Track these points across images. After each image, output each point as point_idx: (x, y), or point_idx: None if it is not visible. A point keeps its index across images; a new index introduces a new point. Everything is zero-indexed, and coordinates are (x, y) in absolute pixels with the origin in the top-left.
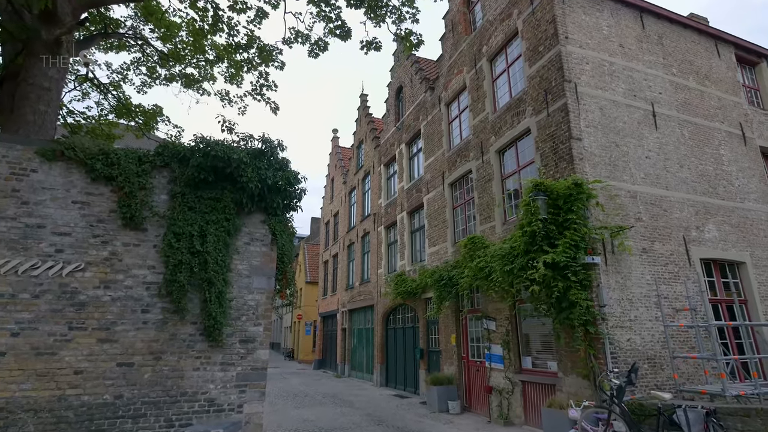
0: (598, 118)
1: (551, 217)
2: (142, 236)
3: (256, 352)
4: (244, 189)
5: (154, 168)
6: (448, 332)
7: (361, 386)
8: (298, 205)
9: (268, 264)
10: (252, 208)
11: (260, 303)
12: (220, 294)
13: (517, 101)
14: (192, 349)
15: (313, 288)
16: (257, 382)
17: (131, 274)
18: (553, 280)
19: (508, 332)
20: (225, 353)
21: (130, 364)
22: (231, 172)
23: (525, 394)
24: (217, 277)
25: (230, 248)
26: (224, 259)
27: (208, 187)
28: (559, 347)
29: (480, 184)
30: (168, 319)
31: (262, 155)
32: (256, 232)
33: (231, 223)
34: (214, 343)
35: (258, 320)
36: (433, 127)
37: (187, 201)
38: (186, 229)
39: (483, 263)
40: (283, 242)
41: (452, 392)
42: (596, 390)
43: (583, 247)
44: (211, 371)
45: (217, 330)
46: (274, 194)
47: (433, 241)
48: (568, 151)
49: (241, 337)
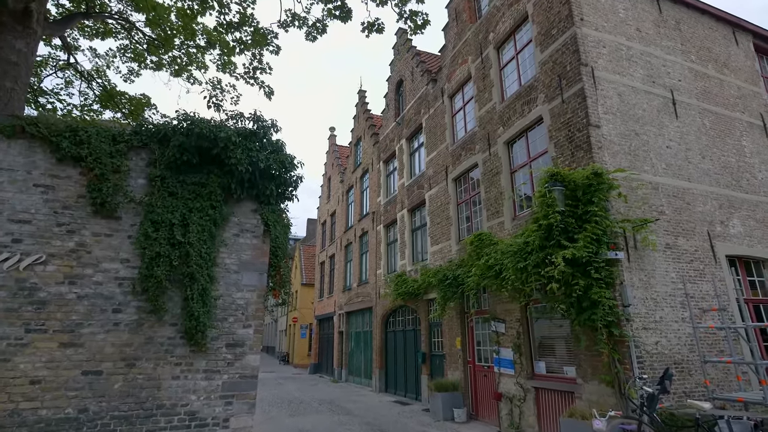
0: (616, 105)
1: (569, 210)
2: (115, 225)
3: (245, 358)
4: (232, 173)
5: (131, 149)
6: (452, 335)
7: (359, 392)
8: (294, 193)
9: (259, 258)
10: (241, 195)
11: (250, 302)
12: (204, 291)
13: (528, 89)
14: (171, 355)
15: (309, 290)
16: (246, 392)
17: (101, 268)
18: (573, 278)
19: (520, 335)
20: (209, 359)
21: (98, 372)
22: (218, 153)
23: (539, 401)
24: (200, 271)
25: (216, 240)
26: (209, 252)
27: (191, 171)
28: (578, 351)
29: (487, 178)
30: (143, 320)
31: (253, 136)
32: (246, 223)
33: (217, 212)
34: (196, 347)
35: (248, 321)
36: (436, 121)
37: (168, 186)
38: (166, 217)
39: (492, 261)
40: (276, 234)
41: (458, 399)
42: (621, 398)
43: (605, 241)
44: (192, 380)
45: (200, 332)
46: (266, 180)
47: (435, 240)
48: (586, 138)
49: (228, 340)
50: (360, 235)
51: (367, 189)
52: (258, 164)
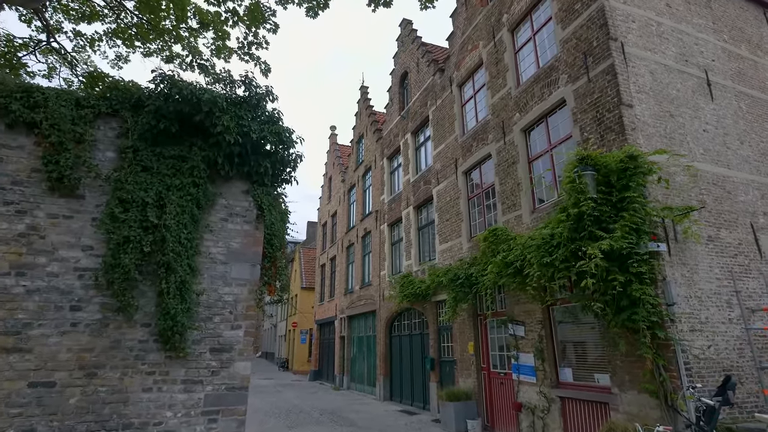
0: (649, 83)
1: (602, 197)
2: (76, 205)
3: (234, 366)
4: (219, 145)
5: (98, 116)
6: (464, 339)
7: (362, 400)
8: (293, 175)
9: (251, 247)
10: (230, 173)
11: (240, 298)
12: (183, 284)
13: (548, 70)
14: (142, 362)
15: (309, 294)
16: (234, 407)
17: (58, 256)
18: (609, 273)
19: (542, 338)
20: (189, 367)
21: (50, 383)
22: (201, 120)
23: (565, 413)
24: (179, 260)
25: (200, 224)
26: (190, 238)
27: (170, 142)
28: (613, 356)
29: (502, 169)
30: (108, 319)
31: (244, 103)
32: (236, 206)
33: (201, 191)
34: (173, 352)
35: (237, 321)
36: (444, 112)
37: (141, 159)
38: (137, 196)
39: (511, 257)
40: (272, 220)
41: (471, 409)
42: (669, 411)
43: (646, 231)
44: (168, 392)
45: (178, 334)
46: (260, 156)
47: (444, 237)
48: (618, 119)
49: (213, 344)
50: (362, 235)
51: (370, 187)
52: (250, 135)
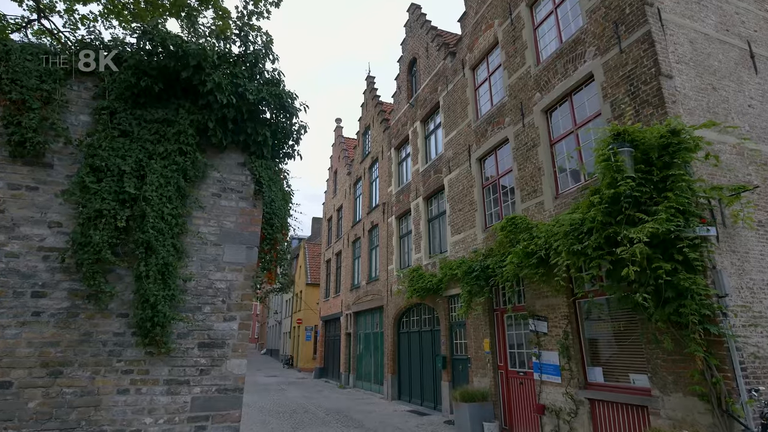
0: (689, 53)
1: (641, 176)
2: (42, 175)
3: (226, 363)
4: (210, 107)
5: (70, 75)
6: (479, 336)
7: (369, 400)
8: (296, 149)
9: (247, 227)
10: (224, 141)
11: (235, 286)
12: (166, 268)
13: (572, 44)
14: (117, 359)
15: (315, 290)
16: (226, 411)
17: (19, 234)
18: (652, 260)
19: (568, 335)
20: (174, 365)
21: (5, 384)
22: (189, 77)
23: (595, 417)
24: (161, 239)
25: (188, 199)
26: (176, 214)
27: (153, 104)
28: (653, 354)
29: (520, 154)
30: (78, 308)
31: (239, 61)
32: (230, 180)
33: (189, 160)
34: (154, 348)
35: (230, 312)
36: (455, 97)
37: (120, 122)
38: (113, 163)
39: (533, 246)
40: (272, 197)
41: (488, 411)
42: (723, 416)
43: (694, 213)
44: (148, 395)
45: (159, 326)
46: (258, 124)
47: (457, 228)
48: (656, 91)
49: (203, 338)
50: (369, 229)
51: (377, 179)
52: (245, 97)
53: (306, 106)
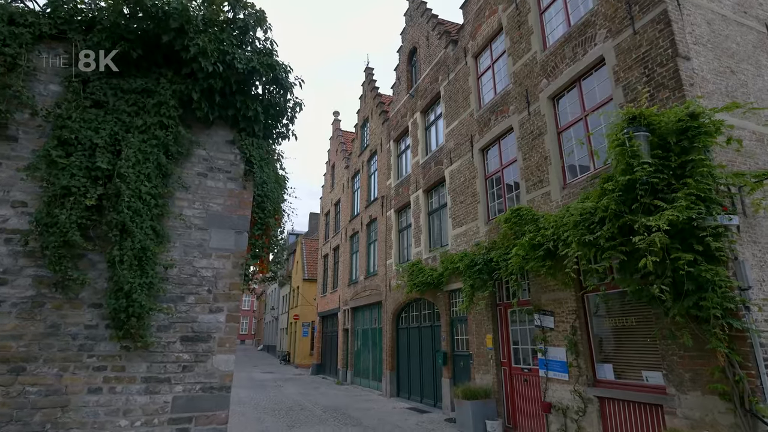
0: (706, 35)
1: (658, 162)
2: (5, 149)
3: (212, 359)
4: (194, 77)
5: (40, 39)
6: (481, 331)
7: (367, 397)
8: (291, 128)
9: (236, 210)
10: (211, 115)
11: (222, 274)
12: (144, 253)
13: (581, 27)
14: (89, 354)
15: (312, 285)
16: (212, 412)
17: None
18: (671, 251)
19: (576, 330)
20: (153, 361)
21: None
22: (170, 42)
23: (605, 416)
24: (137, 221)
25: (170, 178)
26: (155, 194)
27: (131, 72)
28: (668, 350)
29: (525, 143)
30: (44, 297)
31: (227, 27)
32: (218, 158)
33: (171, 135)
34: (130, 342)
35: (216, 303)
36: (457, 86)
37: (93, 92)
38: (84, 136)
39: (540, 238)
40: (264, 178)
41: (491, 409)
42: (745, 416)
43: (714, 200)
44: (124, 394)
45: (136, 318)
46: (249, 97)
47: (458, 221)
48: (673, 74)
49: (186, 331)
50: (367, 223)
51: (375, 173)
52: (234, 66)
53: (301, 80)
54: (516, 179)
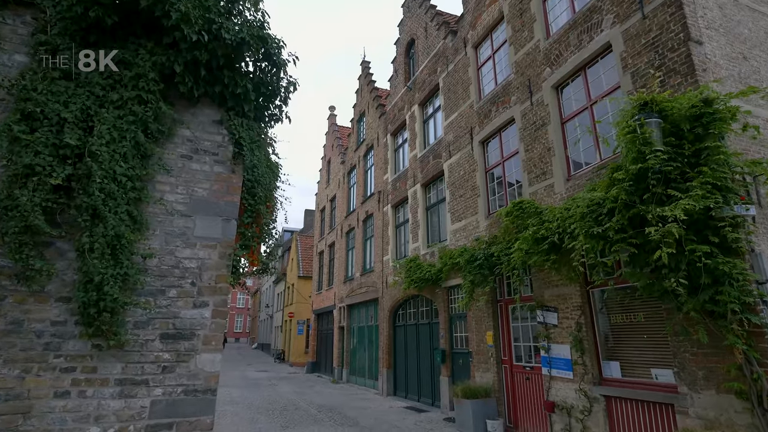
0: (718, 19)
1: (671, 150)
2: None
3: (196, 359)
4: (177, 48)
5: (4, 6)
6: (481, 328)
7: (363, 395)
8: (284, 110)
9: (224, 196)
10: (196, 91)
11: (207, 265)
12: (118, 241)
13: (587, 13)
14: (56, 353)
15: (307, 283)
16: (195, 418)
17: None
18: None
19: (581, 326)
20: (129, 361)
21: None
22: (150, 8)
23: (612, 415)
24: (111, 205)
25: (150, 160)
26: (132, 176)
27: (107, 42)
28: (679, 347)
29: (528, 134)
30: (5, 290)
31: None
32: (204, 139)
33: (151, 111)
34: (102, 339)
35: (201, 297)
36: (456, 77)
37: (64, 63)
38: (52, 110)
39: (544, 231)
40: (254, 161)
41: (491, 408)
42: (763, 416)
43: (731, 189)
44: (95, 398)
45: (108, 313)
46: (238, 74)
47: (457, 216)
48: (685, 59)
49: (166, 328)
50: (364, 218)
51: (372, 167)
52: (221, 36)
53: (295, 57)
54: (518, 172)
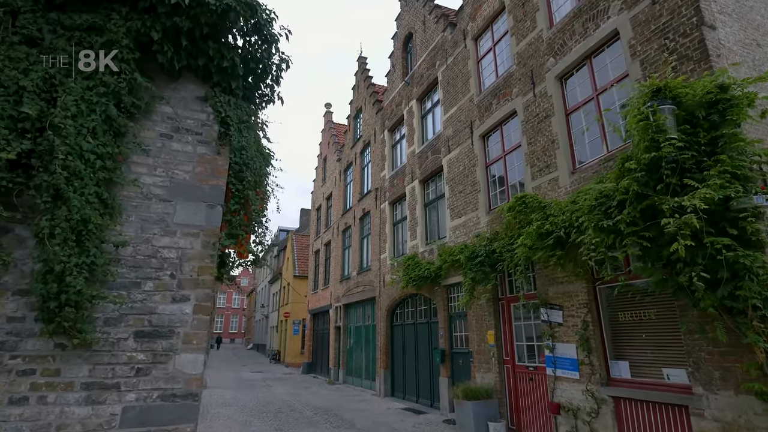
0: (731, 4)
1: (685, 138)
2: None
3: (175, 360)
4: (155, 12)
5: None
6: (482, 327)
7: (360, 396)
8: (276, 90)
9: (208, 179)
10: (177, 63)
11: (188, 255)
12: (85, 226)
13: (592, 0)
14: (12, 354)
15: (303, 282)
16: (174, 426)
17: None
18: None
19: (587, 325)
20: (97, 362)
21: None
22: None
23: (621, 417)
24: (77, 185)
25: (124, 138)
26: (102, 153)
27: (76, 6)
28: (694, 345)
29: (531, 126)
30: None
31: None
32: (186, 117)
33: (125, 83)
34: (65, 338)
35: (182, 290)
36: (456, 71)
37: (24, 26)
38: (9, 77)
39: (550, 225)
40: (242, 143)
41: (493, 409)
42: None
43: (752, 179)
44: (58, 405)
45: (72, 307)
46: (225, 47)
47: (457, 212)
48: (698, 44)
49: (142, 325)
50: (360, 216)
51: (369, 164)
52: (205, 2)
53: (288, 31)
54: (520, 166)
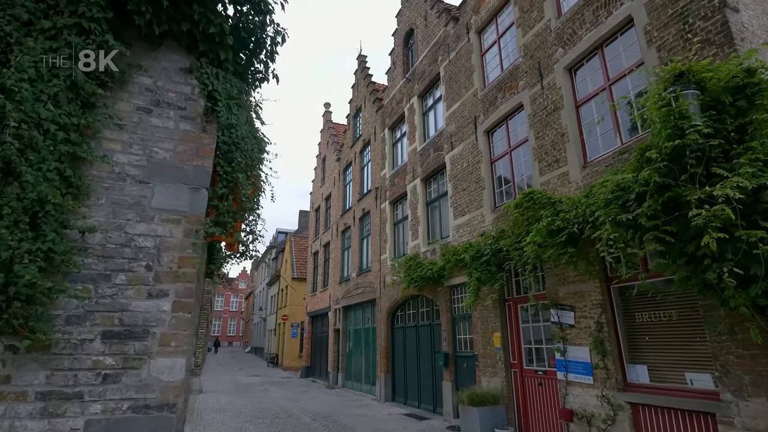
0: None
1: (711, 124)
2: None
3: (149, 365)
4: None
5: None
6: (488, 330)
7: (360, 401)
8: (271, 67)
9: (193, 159)
10: (157, 28)
11: (168, 244)
12: (41, 206)
13: None
14: None
15: (302, 285)
16: None
17: None
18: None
19: (602, 326)
20: (57, 368)
21: None
22: None
23: (639, 424)
24: (33, 159)
25: (94, 109)
26: (66, 124)
27: None
28: (722, 349)
29: (538, 120)
30: None
31: None
32: (168, 90)
33: (95, 46)
34: (16, 339)
35: (159, 284)
36: (459, 65)
37: None
38: None
39: (560, 222)
40: (231, 120)
41: (500, 416)
42: None
43: None
44: (7, 418)
45: (22, 302)
46: (212, 11)
47: (460, 210)
48: (721, 27)
49: (110, 324)
50: (360, 216)
51: (369, 164)
52: None
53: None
54: (527, 161)
